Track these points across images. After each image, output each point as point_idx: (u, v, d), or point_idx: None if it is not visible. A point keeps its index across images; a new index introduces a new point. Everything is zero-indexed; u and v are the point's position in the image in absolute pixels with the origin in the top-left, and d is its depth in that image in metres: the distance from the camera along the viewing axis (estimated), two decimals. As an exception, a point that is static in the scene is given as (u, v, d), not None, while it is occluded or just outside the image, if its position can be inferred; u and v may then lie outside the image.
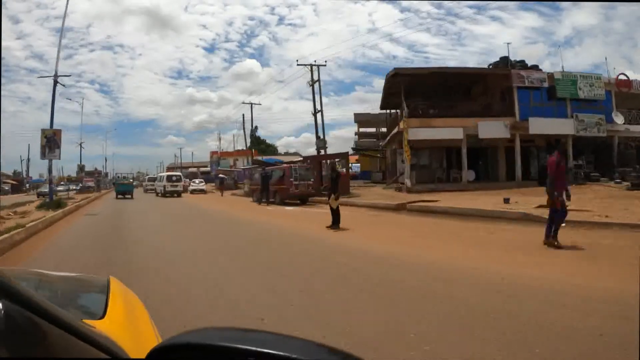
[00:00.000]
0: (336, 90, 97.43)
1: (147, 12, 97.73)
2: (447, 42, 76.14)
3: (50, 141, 15.45)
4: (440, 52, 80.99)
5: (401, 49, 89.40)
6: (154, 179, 34.95)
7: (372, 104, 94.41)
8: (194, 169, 54.53)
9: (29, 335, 0.50)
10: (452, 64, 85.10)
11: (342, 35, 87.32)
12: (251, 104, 35.81)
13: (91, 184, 33.96)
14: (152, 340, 0.87)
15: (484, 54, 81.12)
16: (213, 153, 60.07)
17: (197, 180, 31.71)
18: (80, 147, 32.70)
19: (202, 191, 30.14)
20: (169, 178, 27.08)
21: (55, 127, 16.08)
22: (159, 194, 26.72)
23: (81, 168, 32.47)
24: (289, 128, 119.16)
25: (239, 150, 56.33)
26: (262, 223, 10.43)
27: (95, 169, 37.15)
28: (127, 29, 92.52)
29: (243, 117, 36.84)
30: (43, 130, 15.70)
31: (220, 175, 30.67)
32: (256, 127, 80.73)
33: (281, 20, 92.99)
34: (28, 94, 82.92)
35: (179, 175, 28.42)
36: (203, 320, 3.06)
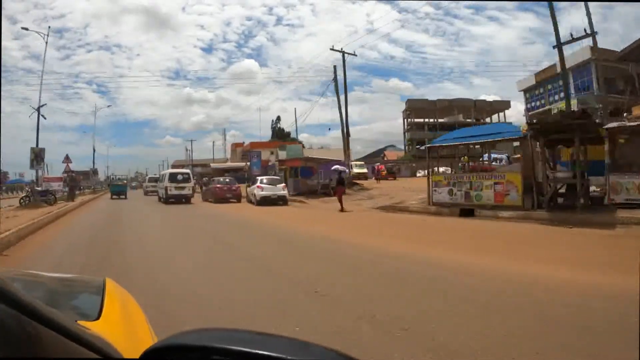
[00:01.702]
0: (333, 91, 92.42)
1: (145, 11, 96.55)
2: (445, 43, 75.01)
3: None
4: (438, 52, 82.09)
5: (399, 50, 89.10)
6: (155, 179, 29.34)
7: (370, 103, 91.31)
8: (235, 164, 39.00)
9: (21, 338, 0.48)
10: (450, 64, 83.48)
11: (340, 36, 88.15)
12: (343, 52, 21.18)
13: (58, 185, 18.40)
14: (148, 341, 0.83)
15: (482, 54, 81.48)
16: (236, 145, 44.90)
17: (264, 180, 16.66)
18: (39, 114, 17.24)
19: (281, 200, 15.34)
20: (173, 177, 19.08)
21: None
22: (161, 199, 19.55)
23: (37, 155, 16.78)
24: (287, 128, 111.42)
25: (274, 141, 41.62)
26: None
27: (66, 158, 20.01)
28: (124, 29, 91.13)
29: (334, 71, 22.06)
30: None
31: (337, 166, 15.49)
32: (279, 117, 66.50)
33: (279, 20, 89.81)
34: (25, 95, 78.76)
35: (187, 174, 19.89)
36: None
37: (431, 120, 56.60)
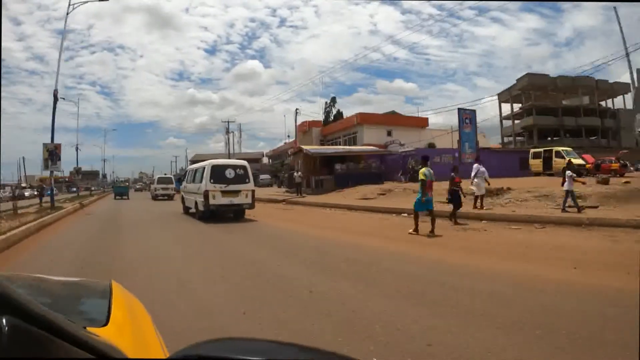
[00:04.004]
0: (337, 92, 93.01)
1: (148, 10, 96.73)
2: (449, 44, 75.16)
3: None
4: (441, 53, 77.75)
5: (402, 51, 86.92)
6: (166, 180, 24.04)
7: (374, 105, 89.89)
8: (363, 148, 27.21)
9: (32, 350, 0.48)
10: (453, 65, 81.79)
11: (343, 38, 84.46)
12: None
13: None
14: (156, 346, 0.82)
15: (485, 55, 78.01)
16: (311, 124, 31.99)
17: None
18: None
19: None
20: (218, 174, 10.33)
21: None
22: (197, 212, 10.99)
23: None
24: (290, 130, 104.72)
25: (390, 114, 28.68)
26: None
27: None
28: (127, 29, 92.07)
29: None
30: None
31: None
32: (334, 99, 53.55)
33: (282, 22, 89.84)
34: (28, 96, 78.61)
35: (242, 168, 10.66)
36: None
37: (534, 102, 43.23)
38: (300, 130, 31.33)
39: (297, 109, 31.73)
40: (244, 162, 11.03)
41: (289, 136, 49.77)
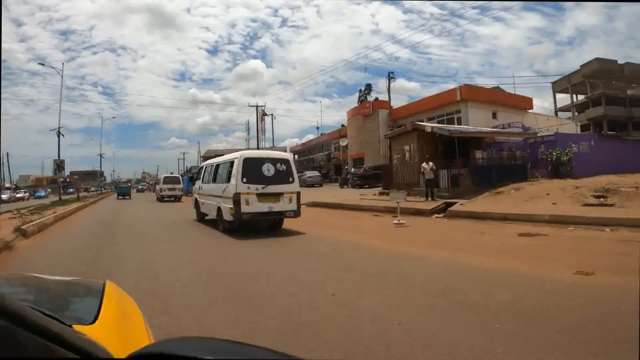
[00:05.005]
0: (339, 92, 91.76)
1: (149, 10, 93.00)
2: (450, 44, 75.69)
3: None
4: (443, 53, 75.97)
5: (404, 51, 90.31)
6: (173, 180, 21.87)
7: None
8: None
9: (14, 349, 0.48)
10: (455, 65, 79.65)
11: (344, 37, 78.97)
12: None
13: None
14: (145, 344, 0.81)
15: (487, 54, 75.97)
16: (375, 104, 26.82)
17: None
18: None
19: None
20: (253, 171, 7.74)
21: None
22: (222, 223, 8.31)
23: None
24: (293, 130, 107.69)
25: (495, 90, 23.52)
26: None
27: None
28: (129, 30, 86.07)
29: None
30: None
31: None
32: (369, 86, 48.61)
33: (284, 22, 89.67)
34: (31, 97, 74.82)
35: (285, 162, 8.15)
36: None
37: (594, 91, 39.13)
38: (359, 114, 26.22)
39: (368, 84, 26.27)
40: (286, 155, 8.60)
41: (318, 128, 44.59)
